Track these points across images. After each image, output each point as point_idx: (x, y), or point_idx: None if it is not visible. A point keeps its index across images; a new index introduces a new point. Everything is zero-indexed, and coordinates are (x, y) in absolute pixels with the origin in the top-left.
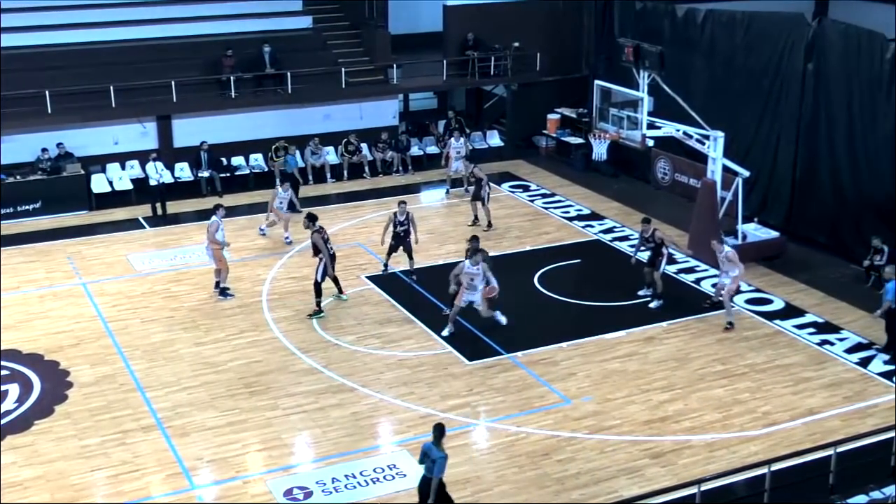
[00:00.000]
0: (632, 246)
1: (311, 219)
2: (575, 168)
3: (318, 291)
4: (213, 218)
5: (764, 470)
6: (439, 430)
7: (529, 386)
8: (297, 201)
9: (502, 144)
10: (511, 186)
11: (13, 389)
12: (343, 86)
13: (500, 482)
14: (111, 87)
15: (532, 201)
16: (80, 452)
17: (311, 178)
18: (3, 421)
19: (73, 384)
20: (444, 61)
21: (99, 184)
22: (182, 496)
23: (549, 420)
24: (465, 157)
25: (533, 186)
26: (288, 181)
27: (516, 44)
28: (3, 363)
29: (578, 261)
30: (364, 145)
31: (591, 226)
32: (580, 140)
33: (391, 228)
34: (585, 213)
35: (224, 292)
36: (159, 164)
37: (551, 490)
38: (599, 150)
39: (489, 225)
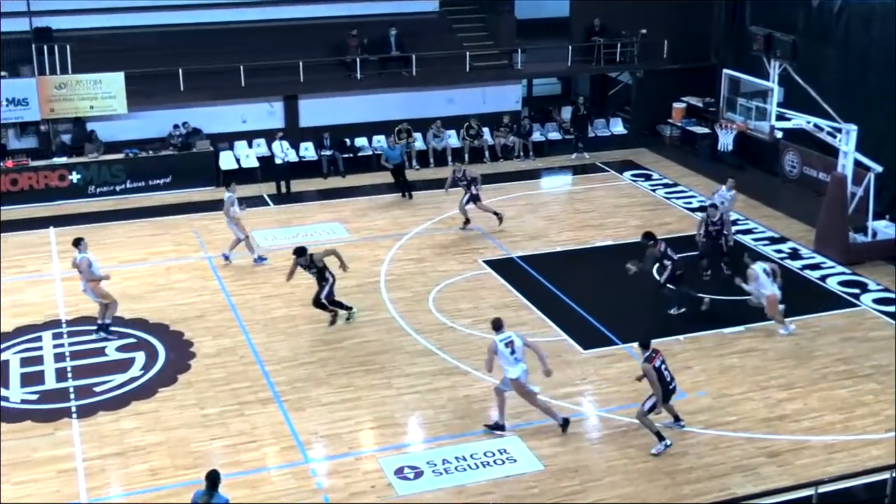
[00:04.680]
0: (756, 240)
1: (301, 252)
2: (700, 158)
3: (331, 305)
4: (80, 255)
5: (886, 475)
6: (213, 477)
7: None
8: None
9: (626, 132)
10: (633, 175)
11: (139, 357)
12: (467, 70)
13: (609, 473)
14: (241, 67)
15: (654, 191)
16: (201, 421)
17: (432, 161)
18: (130, 387)
19: (196, 355)
20: (570, 47)
21: (226, 161)
22: (296, 469)
23: (663, 413)
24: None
25: (655, 176)
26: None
27: (643, 30)
28: (131, 331)
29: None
30: (486, 130)
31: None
32: (706, 130)
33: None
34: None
35: (104, 329)
36: (285, 143)
37: (661, 483)
38: (725, 141)
39: (466, 222)
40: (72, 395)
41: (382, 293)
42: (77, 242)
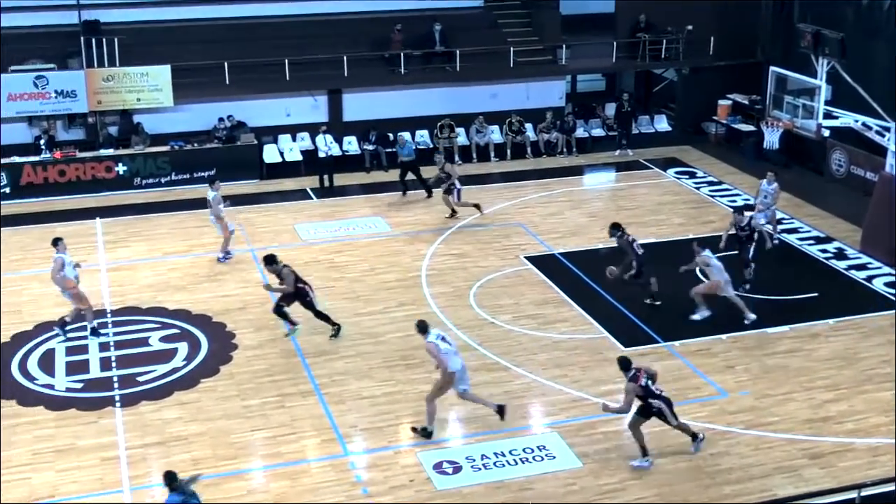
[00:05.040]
0: (802, 240)
1: (271, 261)
2: (745, 156)
3: (275, 311)
4: (56, 255)
5: None
6: (171, 475)
7: (685, 376)
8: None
9: (670, 129)
10: (677, 172)
11: (182, 348)
12: (511, 65)
13: (649, 471)
14: (286, 61)
15: (698, 188)
16: (242, 412)
17: (474, 156)
18: (172, 377)
19: (238, 346)
20: (615, 43)
21: (270, 154)
22: (336, 461)
23: (704, 412)
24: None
25: (700, 173)
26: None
27: (689, 27)
28: (174, 322)
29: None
30: (529, 125)
31: (758, 217)
32: (751, 128)
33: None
34: (753, 203)
35: (96, 332)
36: (328, 137)
37: (702, 483)
38: (771, 139)
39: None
40: (115, 385)
41: (423, 288)
42: (55, 242)
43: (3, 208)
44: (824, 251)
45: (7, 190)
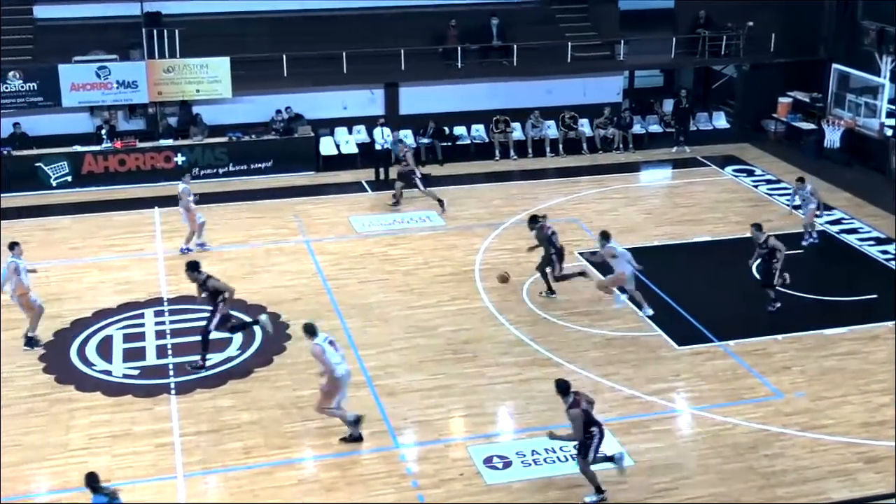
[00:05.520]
0: (862, 240)
1: (194, 267)
2: (805, 155)
3: (207, 344)
4: (10, 259)
5: None
6: (93, 479)
7: (739, 376)
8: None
9: (728, 126)
10: (735, 170)
11: (237, 337)
12: (569, 60)
13: (702, 471)
14: (343, 54)
15: (756, 187)
16: (295, 402)
17: (530, 151)
18: (227, 366)
19: (292, 336)
20: (674, 39)
21: (327, 146)
22: (386, 453)
23: (759, 413)
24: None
25: (758, 172)
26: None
27: (750, 23)
28: (230, 312)
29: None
30: (584, 121)
31: (818, 216)
32: (812, 126)
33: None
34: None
35: (31, 342)
36: (385, 130)
37: (755, 484)
38: (832, 137)
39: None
40: (171, 372)
41: (477, 282)
42: (12, 246)
43: (65, 196)
44: (885, 252)
45: (69, 178)
